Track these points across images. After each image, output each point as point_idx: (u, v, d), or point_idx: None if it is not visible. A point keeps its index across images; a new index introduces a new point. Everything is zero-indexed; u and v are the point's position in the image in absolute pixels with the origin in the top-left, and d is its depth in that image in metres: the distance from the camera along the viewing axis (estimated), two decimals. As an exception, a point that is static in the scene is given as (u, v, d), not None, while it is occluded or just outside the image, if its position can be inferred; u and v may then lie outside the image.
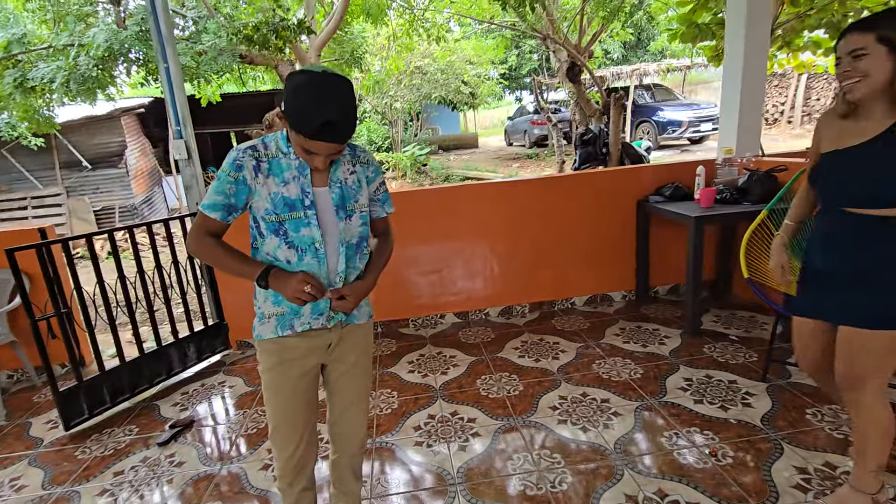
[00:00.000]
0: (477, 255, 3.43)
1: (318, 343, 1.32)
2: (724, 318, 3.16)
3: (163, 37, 2.89)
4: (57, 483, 2.11)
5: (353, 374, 1.41)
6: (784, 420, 2.08)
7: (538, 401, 2.40)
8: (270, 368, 1.32)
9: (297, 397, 1.33)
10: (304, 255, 1.24)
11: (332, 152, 1.16)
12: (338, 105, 1.09)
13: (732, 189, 3.06)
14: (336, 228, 1.25)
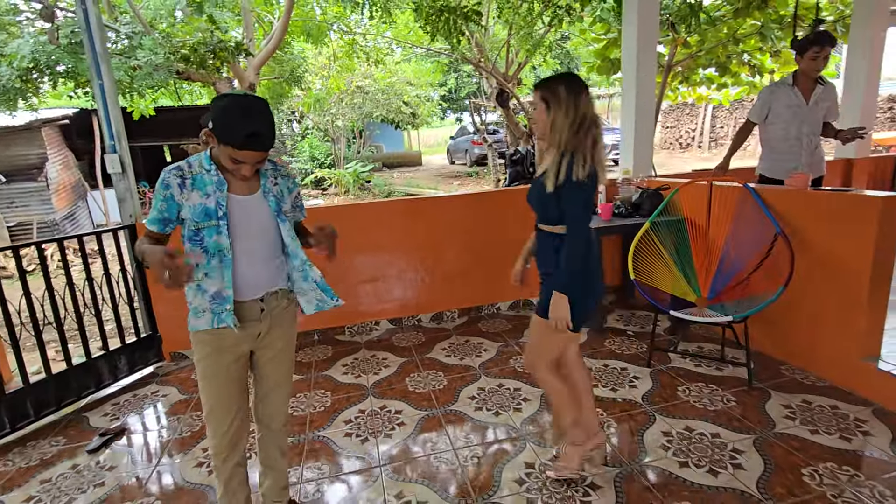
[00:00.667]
0: (409, 266, 3.69)
1: (249, 332, 1.50)
2: (626, 317, 3.60)
3: (97, 53, 2.96)
4: (-22, 494, 2.10)
5: (280, 360, 1.60)
6: (659, 397, 2.47)
7: (459, 393, 2.67)
8: (206, 357, 1.48)
9: (230, 381, 1.50)
10: (211, 260, 1.40)
11: (258, 160, 1.37)
12: (260, 119, 1.31)
13: (628, 204, 3.54)
14: (265, 233, 1.47)
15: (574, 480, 1.89)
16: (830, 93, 3.18)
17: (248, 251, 1.45)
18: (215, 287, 1.42)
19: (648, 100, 3.92)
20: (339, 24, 7.53)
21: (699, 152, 16.09)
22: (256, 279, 1.48)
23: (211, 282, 1.42)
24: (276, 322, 1.55)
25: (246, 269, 1.45)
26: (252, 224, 1.45)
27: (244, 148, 1.31)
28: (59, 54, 4.13)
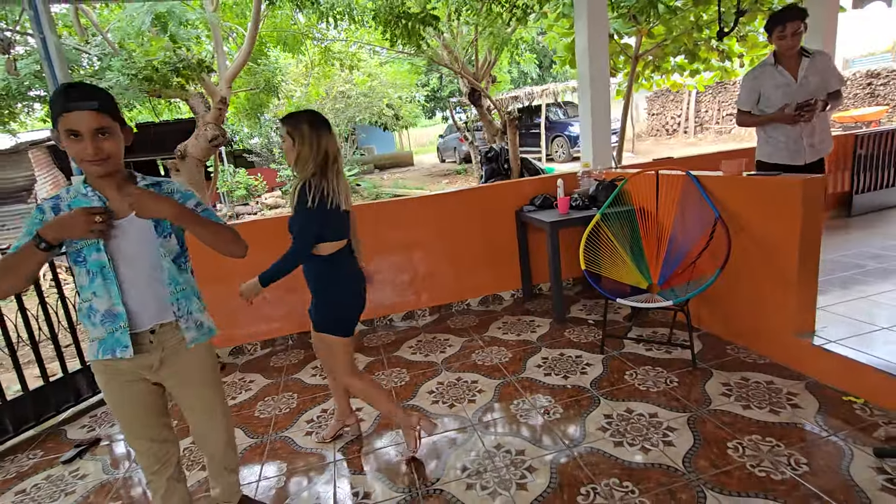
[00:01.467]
0: (380, 267, 3.79)
1: (139, 363, 1.44)
2: (590, 306, 3.70)
3: (56, 80, 3.06)
4: (-44, 508, 2.22)
5: (194, 392, 1.55)
6: (607, 381, 2.58)
7: (419, 388, 2.77)
8: (104, 385, 1.46)
9: (133, 407, 1.48)
10: (95, 278, 1.36)
11: (93, 126, 1.25)
12: (78, 85, 1.28)
13: (585, 197, 3.63)
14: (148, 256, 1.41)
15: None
16: (821, 61, 2.92)
17: (131, 276, 1.40)
18: (105, 305, 1.38)
19: (603, 92, 4.01)
20: (314, 31, 7.63)
21: (685, 138, 16.16)
22: (142, 306, 1.42)
23: (99, 300, 1.38)
24: (171, 354, 1.48)
25: (130, 295, 1.40)
26: (131, 246, 1.39)
27: (68, 110, 1.22)
28: (28, 80, 4.25)
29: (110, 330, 1.39)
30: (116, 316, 1.39)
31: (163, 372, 1.49)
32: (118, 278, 1.38)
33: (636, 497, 1.77)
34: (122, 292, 1.39)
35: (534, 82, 17.55)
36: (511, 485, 1.91)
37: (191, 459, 2.39)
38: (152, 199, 1.31)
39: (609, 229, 3.12)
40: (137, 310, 1.42)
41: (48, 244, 1.27)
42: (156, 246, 1.42)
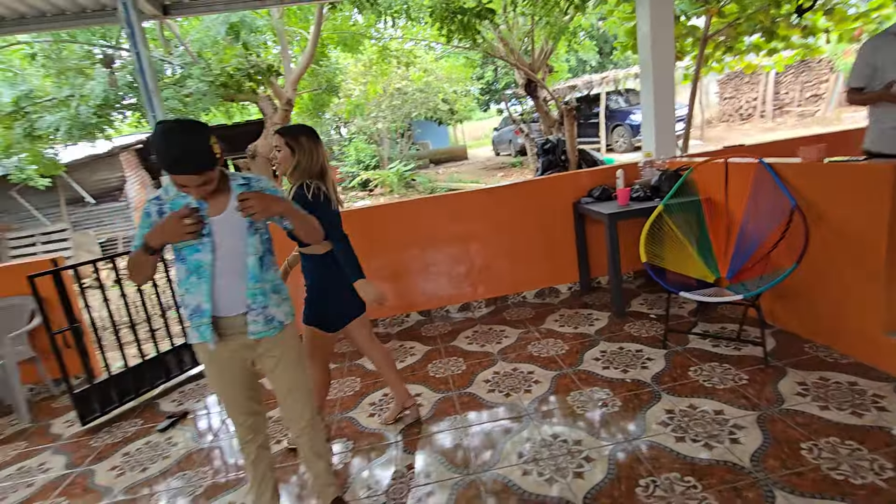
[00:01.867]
0: (438, 260, 3.88)
1: (233, 345, 1.58)
2: (651, 300, 3.59)
3: (149, 90, 3.39)
4: (76, 464, 2.57)
5: (283, 369, 1.66)
6: (669, 377, 2.51)
7: (475, 377, 2.84)
8: (204, 365, 1.64)
9: (228, 385, 1.64)
10: (190, 275, 1.50)
11: (196, 183, 1.39)
12: (180, 146, 1.34)
13: (647, 188, 3.52)
14: (240, 250, 1.53)
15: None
16: None
17: (223, 268, 1.51)
18: (195, 301, 1.52)
19: (667, 78, 3.85)
20: (371, 31, 7.85)
21: (762, 122, 14.99)
22: (233, 295, 1.54)
23: (191, 297, 1.52)
24: (272, 341, 1.62)
25: (223, 286, 1.52)
26: (224, 241, 1.51)
27: (175, 173, 1.36)
28: (123, 90, 4.74)
29: (196, 324, 1.55)
30: (203, 312, 1.53)
31: (259, 349, 1.63)
32: (213, 281, 1.51)
33: (698, 492, 1.73)
34: (212, 286, 1.51)
35: (593, 70, 16.97)
36: (568, 473, 1.93)
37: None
38: (269, 200, 1.46)
39: (673, 221, 3.01)
40: (225, 300, 1.55)
41: (153, 249, 1.44)
42: (246, 242, 1.54)
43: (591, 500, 1.78)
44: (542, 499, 1.83)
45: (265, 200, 1.45)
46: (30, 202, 10.16)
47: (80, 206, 10.46)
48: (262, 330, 1.59)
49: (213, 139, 1.41)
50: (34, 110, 5.18)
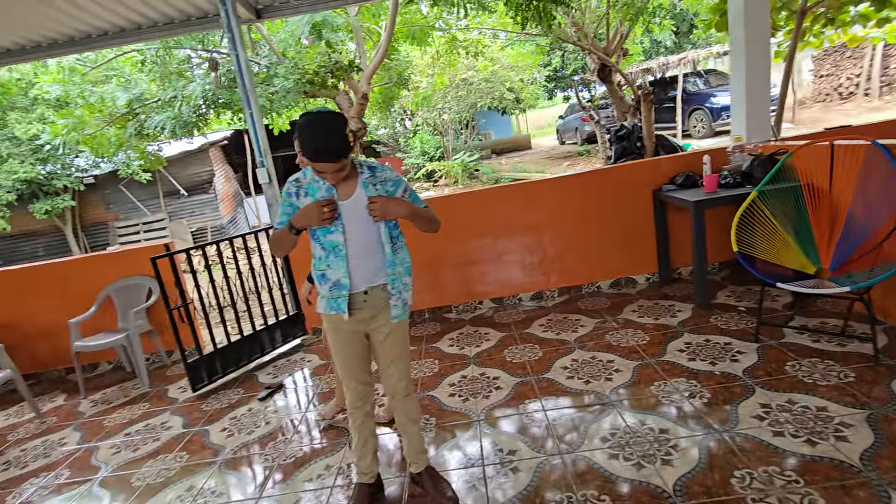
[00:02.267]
0: (511, 248, 3.92)
1: (356, 318, 1.76)
2: (740, 293, 3.41)
3: (246, 88, 3.69)
4: (192, 425, 2.90)
5: (390, 342, 1.82)
6: (763, 371, 2.39)
7: (553, 363, 2.86)
8: (328, 333, 1.83)
9: (347, 353, 1.82)
10: (328, 255, 1.68)
11: (335, 169, 1.56)
12: (325, 135, 1.52)
13: (736, 174, 3.33)
14: (366, 231, 1.68)
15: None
16: None
17: (353, 249, 1.69)
18: (335, 277, 1.70)
19: (762, 57, 3.60)
20: (439, 23, 7.93)
21: (866, 101, 13.46)
22: (360, 273, 1.71)
23: (332, 272, 1.71)
24: (379, 311, 1.77)
25: (352, 264, 1.70)
26: (352, 224, 1.68)
27: (316, 161, 1.54)
28: (218, 91, 5.18)
29: (335, 296, 1.73)
30: (342, 286, 1.71)
31: (372, 324, 1.79)
32: (348, 259, 1.68)
33: (801, 487, 1.66)
34: (350, 272, 1.69)
35: (668, 51, 16.03)
36: (655, 460, 1.92)
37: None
38: (392, 203, 1.65)
39: (768, 208, 2.84)
40: (356, 277, 1.72)
41: (297, 230, 1.67)
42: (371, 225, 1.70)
43: (681, 487, 1.77)
44: (629, 482, 1.83)
45: (388, 205, 1.65)
46: (134, 194, 11.34)
47: (175, 198, 11.51)
48: (400, 314, 1.79)
49: (347, 129, 1.56)
50: (143, 111, 5.78)
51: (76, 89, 5.82)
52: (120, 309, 3.90)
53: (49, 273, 4.07)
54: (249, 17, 4.02)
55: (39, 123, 8.56)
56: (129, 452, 2.71)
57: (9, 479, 2.65)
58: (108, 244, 11.18)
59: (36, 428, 3.23)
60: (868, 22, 6.31)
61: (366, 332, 1.83)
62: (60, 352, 4.08)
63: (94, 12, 3.74)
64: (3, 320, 4.02)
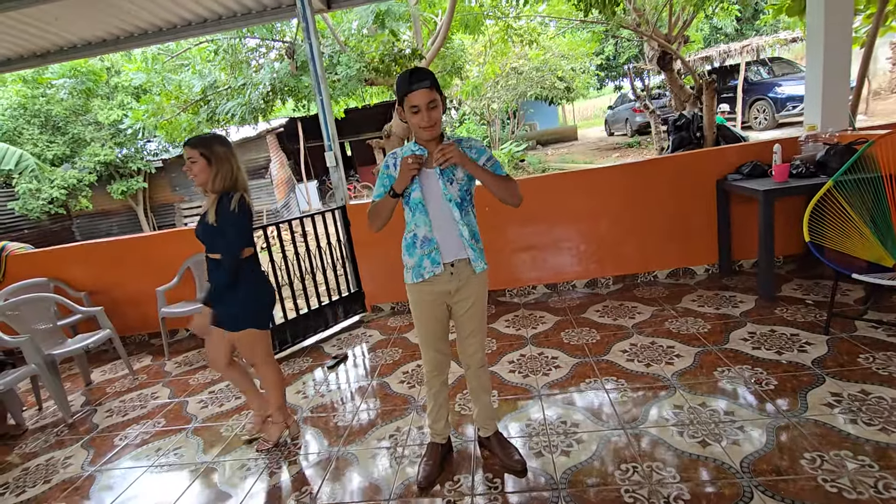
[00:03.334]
0: (564, 235, 3.96)
1: (441, 289, 1.85)
2: (807, 286, 3.33)
3: (318, 76, 3.89)
4: (269, 386, 3.15)
5: (471, 314, 1.91)
6: (834, 362, 2.37)
7: (611, 347, 2.91)
8: (413, 304, 1.93)
9: (429, 323, 1.92)
10: (416, 212, 1.82)
11: (427, 100, 1.66)
12: (417, 71, 1.69)
13: (809, 164, 3.23)
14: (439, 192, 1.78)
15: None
16: None
17: (434, 214, 1.80)
18: (423, 232, 1.81)
19: (843, 43, 3.46)
20: (493, 11, 7.94)
21: (950, 92, 12.38)
22: (445, 241, 1.81)
23: (419, 229, 1.82)
24: (464, 284, 1.86)
25: (437, 227, 1.81)
26: (430, 190, 1.80)
27: (412, 90, 1.64)
28: (285, 79, 5.46)
29: (427, 251, 1.82)
30: (431, 241, 1.82)
31: (456, 296, 1.88)
32: (429, 214, 1.81)
33: (875, 472, 1.67)
34: (432, 225, 1.82)
35: (729, 38, 15.28)
36: (722, 438, 1.96)
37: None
38: (463, 157, 1.71)
39: (844, 198, 2.76)
40: (442, 243, 1.82)
41: (396, 193, 1.78)
42: (442, 190, 1.79)
43: (749, 465, 1.81)
44: (694, 458, 1.89)
45: (456, 152, 1.70)
46: (198, 178, 12.03)
47: (235, 183, 12.10)
48: (479, 262, 1.85)
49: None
50: (214, 98, 6.16)
51: (157, 77, 6.27)
52: (199, 281, 4.23)
53: (136, 246, 4.47)
54: (321, 6, 4.21)
55: (119, 110, 9.24)
56: (216, 407, 2.99)
57: (113, 425, 2.99)
58: (174, 224, 11.95)
59: (130, 383, 3.60)
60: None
61: (448, 305, 1.92)
62: (146, 318, 4.48)
63: (182, 3, 4.03)
64: (97, 287, 4.45)
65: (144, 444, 2.70)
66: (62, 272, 4.43)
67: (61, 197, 10.25)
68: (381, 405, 2.70)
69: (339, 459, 2.27)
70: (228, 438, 2.60)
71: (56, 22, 4.04)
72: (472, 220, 1.89)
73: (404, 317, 4.04)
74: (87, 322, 4.18)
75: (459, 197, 1.82)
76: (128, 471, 2.47)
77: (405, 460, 2.19)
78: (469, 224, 1.86)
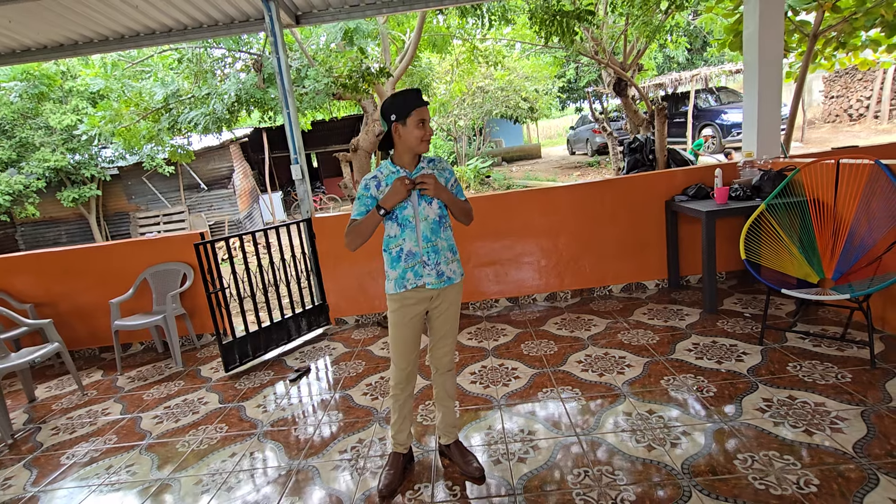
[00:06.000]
0: (525, 251, 4.12)
1: (424, 296, 1.97)
2: (746, 300, 3.59)
3: (285, 89, 3.92)
4: (228, 401, 3.10)
5: (446, 318, 2.03)
6: (766, 370, 2.57)
7: (567, 357, 3.05)
8: (393, 312, 1.99)
9: (409, 331, 1.99)
10: (404, 229, 1.93)
11: (427, 117, 1.86)
12: (414, 92, 1.88)
13: (747, 187, 3.52)
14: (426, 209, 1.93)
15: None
16: None
17: (419, 232, 1.94)
18: (409, 246, 1.92)
19: (774, 77, 3.80)
20: (460, 32, 8.18)
21: (876, 124, 13.59)
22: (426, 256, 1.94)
23: (406, 243, 1.93)
24: (443, 291, 1.99)
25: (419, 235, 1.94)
26: (419, 207, 1.94)
27: (419, 105, 1.83)
28: (252, 90, 5.44)
29: (411, 264, 1.93)
30: (415, 255, 1.94)
31: (435, 301, 2.00)
32: (416, 230, 1.94)
33: (798, 469, 1.84)
34: (417, 240, 1.94)
35: (680, 67, 16.25)
36: (666, 443, 2.10)
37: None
38: (439, 188, 1.89)
39: (775, 220, 3.02)
40: (424, 257, 1.94)
41: (386, 210, 1.88)
42: (424, 209, 1.94)
43: (689, 466, 1.95)
44: (641, 461, 2.02)
45: (437, 185, 1.88)
46: (156, 187, 11.64)
47: (195, 192, 11.79)
48: (434, 282, 1.95)
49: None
50: (177, 107, 6.04)
51: (117, 83, 6.10)
52: (156, 292, 4.12)
53: (91, 256, 4.30)
54: (289, 22, 4.26)
55: (73, 115, 8.87)
56: (171, 423, 2.91)
57: (60, 442, 2.86)
58: (129, 234, 11.46)
59: (79, 399, 3.45)
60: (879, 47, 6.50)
61: (426, 309, 2.02)
62: (96, 331, 4.31)
63: (146, 12, 3.99)
64: (44, 299, 4.25)
65: (93, 461, 2.61)
66: (6, 283, 4.21)
67: (5, 203, 9.68)
68: (343, 417, 2.72)
69: (300, 472, 2.27)
70: (185, 455, 2.55)
71: (10, 24, 3.91)
72: (449, 235, 2.03)
73: (368, 329, 4.06)
74: (31, 336, 3.99)
75: (438, 215, 1.97)
76: (75, 490, 2.38)
77: (367, 472, 2.21)
78: (447, 238, 2.01)
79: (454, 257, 2.03)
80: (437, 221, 1.95)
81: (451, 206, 1.96)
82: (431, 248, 1.94)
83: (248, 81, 5.57)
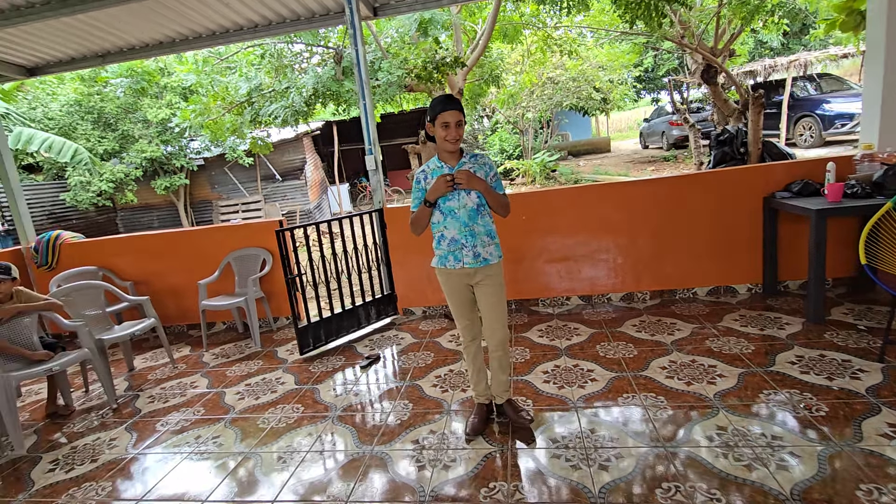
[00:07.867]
0: (601, 247, 3.91)
1: (464, 272, 2.22)
2: (859, 311, 3.19)
3: (363, 81, 3.98)
4: (303, 382, 3.21)
5: (488, 293, 2.23)
6: (890, 391, 2.25)
7: (650, 362, 2.85)
8: (442, 284, 2.31)
9: (457, 300, 2.29)
10: (447, 217, 2.18)
11: (456, 119, 2.04)
12: (447, 96, 2.09)
13: (865, 184, 3.11)
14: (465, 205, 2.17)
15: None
16: None
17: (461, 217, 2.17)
18: (451, 234, 2.19)
19: (904, 58, 3.31)
20: (533, 21, 7.95)
21: None
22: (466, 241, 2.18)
23: (448, 231, 2.20)
24: (482, 269, 2.21)
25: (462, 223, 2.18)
26: (460, 198, 2.16)
27: (444, 110, 2.02)
28: (328, 83, 5.61)
29: (451, 250, 2.20)
30: (456, 241, 2.19)
31: (476, 278, 2.24)
32: (457, 219, 2.18)
33: (941, 510, 1.58)
34: (458, 228, 2.18)
35: (774, 53, 14.85)
36: (770, 463, 1.89)
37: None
38: (474, 179, 2.09)
39: (905, 220, 2.63)
40: (465, 242, 2.18)
41: (431, 203, 2.15)
42: (464, 199, 2.16)
43: (800, 493, 1.74)
44: (741, 481, 1.83)
45: (469, 177, 2.07)
46: (236, 177, 12.42)
47: (270, 182, 12.45)
48: (471, 262, 2.19)
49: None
50: (258, 100, 6.36)
51: (206, 79, 6.55)
52: (238, 275, 4.36)
53: (181, 240, 4.63)
54: (368, 14, 4.32)
55: (167, 109, 9.65)
56: (252, 399, 3.06)
57: (155, 410, 3.10)
58: (211, 220, 12.34)
59: (170, 371, 3.73)
60: None
61: (470, 285, 2.26)
62: (185, 309, 4.65)
63: (236, 9, 4.20)
64: (141, 277, 4.64)
65: (184, 430, 2.79)
66: (110, 262, 4.64)
67: (109, 190, 10.73)
68: (413, 407, 2.71)
69: (371, 458, 2.29)
70: (265, 431, 2.66)
71: (118, 24, 4.26)
72: (487, 222, 2.23)
73: (435, 321, 4.05)
74: (131, 310, 4.36)
75: (476, 204, 2.18)
76: (168, 455, 2.55)
77: (438, 464, 2.19)
78: (484, 225, 2.22)
79: (491, 241, 2.23)
80: (475, 210, 2.17)
81: (488, 197, 2.15)
82: (469, 232, 2.17)
83: (325, 75, 5.73)
